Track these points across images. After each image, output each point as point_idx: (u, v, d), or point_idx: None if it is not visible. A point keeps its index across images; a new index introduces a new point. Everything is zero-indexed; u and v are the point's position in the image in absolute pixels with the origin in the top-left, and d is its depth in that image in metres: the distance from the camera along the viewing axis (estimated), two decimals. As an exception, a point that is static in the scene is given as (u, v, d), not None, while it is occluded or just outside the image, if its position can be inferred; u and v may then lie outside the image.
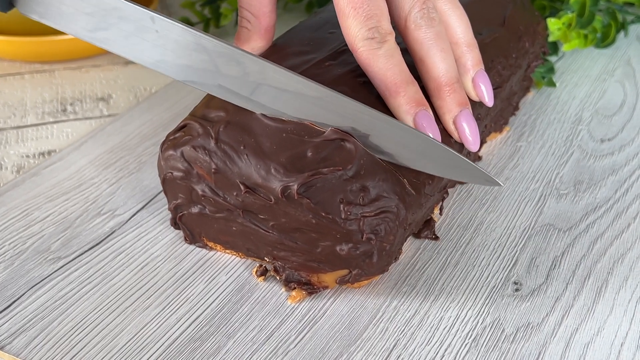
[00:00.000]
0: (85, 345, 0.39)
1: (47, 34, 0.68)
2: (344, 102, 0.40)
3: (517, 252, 0.46)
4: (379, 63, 0.41)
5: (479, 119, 0.49)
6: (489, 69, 0.50)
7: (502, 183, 0.41)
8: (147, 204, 0.50)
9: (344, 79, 0.44)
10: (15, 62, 0.72)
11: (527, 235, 0.48)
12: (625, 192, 0.52)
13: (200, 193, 0.43)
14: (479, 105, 0.48)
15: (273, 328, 0.41)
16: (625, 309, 0.42)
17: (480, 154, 0.55)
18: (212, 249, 0.46)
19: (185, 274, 0.44)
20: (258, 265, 0.45)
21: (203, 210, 0.44)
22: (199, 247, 0.46)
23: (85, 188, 0.52)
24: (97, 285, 0.44)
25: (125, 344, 0.40)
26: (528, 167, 0.55)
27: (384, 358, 0.39)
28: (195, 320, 0.41)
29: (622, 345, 0.40)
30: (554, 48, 0.68)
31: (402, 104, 0.41)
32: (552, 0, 0.70)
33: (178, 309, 0.42)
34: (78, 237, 0.47)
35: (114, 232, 0.48)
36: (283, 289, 0.43)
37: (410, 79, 0.42)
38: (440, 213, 0.48)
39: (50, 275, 0.44)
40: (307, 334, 0.40)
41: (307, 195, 0.39)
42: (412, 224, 0.43)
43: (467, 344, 0.40)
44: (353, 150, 0.40)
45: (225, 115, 0.42)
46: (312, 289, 0.43)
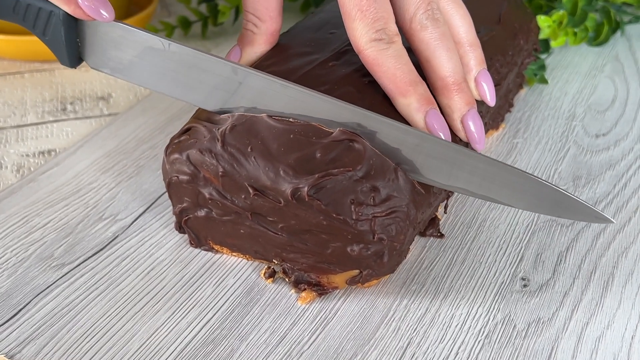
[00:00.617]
0: (97, 352, 0.39)
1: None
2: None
3: (522, 248, 0.47)
4: (387, 63, 0.42)
5: (482, 117, 0.49)
6: (488, 67, 0.50)
7: (613, 220, 0.40)
8: (148, 208, 0.50)
9: (349, 79, 0.44)
10: (16, 61, 0.71)
11: (530, 231, 0.48)
12: (624, 186, 0.52)
13: (207, 196, 0.43)
14: (480, 103, 0.49)
15: (285, 330, 0.41)
16: (633, 302, 0.42)
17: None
18: (218, 252, 0.46)
19: (193, 278, 0.44)
20: (266, 267, 0.44)
21: (210, 214, 0.44)
22: (205, 250, 0.46)
23: (85, 193, 0.52)
24: (104, 291, 0.43)
25: (138, 350, 0.39)
26: (526, 163, 0.55)
27: (399, 357, 0.39)
28: (207, 324, 0.41)
29: (632, 338, 0.40)
30: (546, 45, 0.68)
31: (412, 103, 0.41)
32: (550, 0, 0.70)
33: (188, 313, 0.42)
34: (81, 242, 0.47)
35: (117, 237, 0.47)
36: (292, 291, 0.43)
37: (418, 79, 0.42)
38: (445, 211, 0.48)
39: (56, 282, 0.44)
40: (320, 335, 0.40)
41: (317, 197, 0.39)
42: (420, 223, 0.43)
43: (480, 341, 0.40)
44: (362, 151, 0.40)
45: (231, 118, 0.42)
46: (322, 290, 0.43)
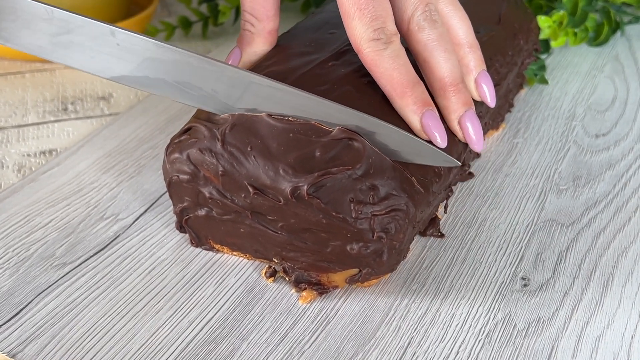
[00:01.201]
0: (99, 351, 0.39)
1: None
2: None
3: (522, 247, 0.47)
4: (385, 64, 0.42)
5: (480, 117, 0.49)
6: (488, 67, 0.50)
7: (458, 162, 0.42)
8: (149, 208, 0.50)
9: (349, 79, 0.44)
10: (16, 61, 0.72)
11: (530, 231, 0.48)
12: (624, 186, 0.53)
13: (208, 195, 0.43)
14: (480, 104, 0.49)
15: (286, 329, 0.41)
16: (633, 302, 0.42)
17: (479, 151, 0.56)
18: (219, 252, 0.46)
19: (194, 277, 0.44)
20: (267, 267, 0.44)
21: (210, 213, 0.44)
22: (206, 249, 0.46)
23: (86, 193, 0.52)
24: (105, 291, 0.43)
25: (139, 349, 0.39)
26: (526, 163, 0.55)
27: (399, 356, 0.39)
28: (208, 323, 0.41)
29: (632, 338, 0.40)
30: (546, 46, 0.69)
31: (409, 104, 0.42)
32: (550, 0, 0.71)
33: (189, 312, 0.42)
34: (82, 242, 0.47)
35: (119, 236, 0.48)
36: (293, 290, 0.43)
37: (416, 79, 0.42)
38: (445, 211, 0.49)
39: (57, 282, 0.44)
40: (321, 334, 0.40)
41: (317, 196, 0.39)
42: (419, 222, 0.43)
43: (480, 340, 0.40)
44: (361, 149, 0.40)
45: (231, 117, 0.42)
46: (322, 289, 0.43)
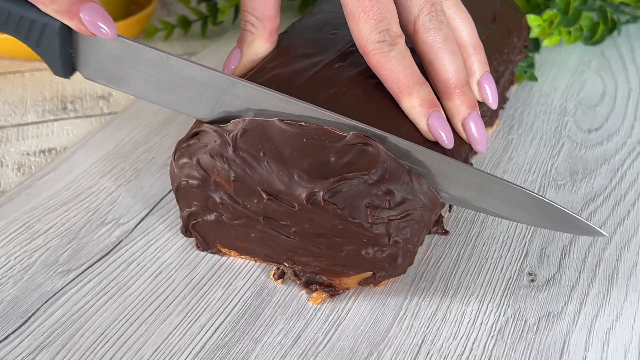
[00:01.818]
0: (112, 358, 0.39)
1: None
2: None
3: (526, 243, 0.47)
4: (391, 65, 0.42)
5: (482, 117, 0.49)
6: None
7: (605, 233, 0.40)
8: (150, 211, 0.50)
9: (356, 81, 0.44)
10: (16, 60, 0.71)
11: (533, 227, 0.48)
12: (620, 180, 0.53)
13: (218, 201, 0.42)
14: (481, 104, 0.49)
15: (299, 330, 0.41)
16: (639, 294, 0.43)
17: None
18: (225, 255, 0.46)
19: (202, 281, 0.44)
20: (275, 268, 0.44)
21: (220, 218, 0.43)
22: (212, 253, 0.46)
23: (85, 198, 0.51)
24: (113, 296, 0.43)
25: (152, 354, 0.39)
26: (522, 159, 0.56)
27: (414, 355, 0.39)
28: (220, 327, 0.41)
29: (641, 330, 0.41)
30: (536, 44, 0.69)
31: (415, 105, 0.42)
32: (547, -1, 0.71)
33: (200, 317, 0.42)
34: (85, 248, 0.46)
35: (122, 241, 0.47)
36: (303, 291, 0.43)
37: (422, 80, 0.42)
38: (450, 210, 0.49)
39: (63, 288, 0.43)
40: (334, 335, 0.40)
41: (333, 201, 0.39)
42: (432, 224, 0.44)
43: (493, 336, 0.40)
44: (376, 154, 0.40)
45: (241, 122, 0.42)
46: (333, 291, 0.43)
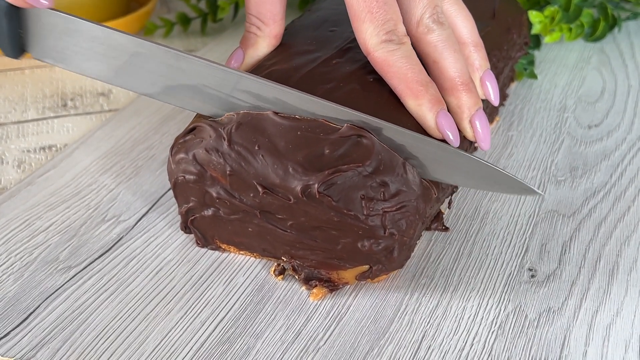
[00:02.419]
0: (113, 354, 0.39)
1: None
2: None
3: (526, 239, 0.47)
4: (399, 64, 0.42)
5: (484, 114, 0.50)
6: (486, 62, 0.51)
7: (541, 192, 0.41)
8: (151, 208, 0.50)
9: (354, 77, 0.44)
10: None
11: (533, 222, 0.49)
12: (620, 176, 0.53)
13: (215, 195, 0.42)
14: (482, 101, 0.49)
15: (300, 326, 0.41)
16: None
17: (475, 145, 0.56)
18: (225, 251, 0.46)
19: (202, 277, 0.44)
20: (275, 264, 0.44)
21: (217, 213, 0.43)
22: (212, 249, 0.46)
23: (85, 195, 0.51)
24: (114, 293, 0.43)
25: (153, 350, 0.39)
26: (522, 155, 0.56)
27: (415, 350, 0.39)
28: (220, 323, 0.41)
29: (642, 325, 0.41)
30: (537, 41, 0.69)
31: (424, 104, 0.42)
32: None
33: (201, 313, 0.42)
34: (85, 245, 0.46)
35: (122, 238, 0.47)
36: (303, 287, 0.43)
37: (429, 79, 0.42)
38: (449, 207, 0.49)
39: (64, 285, 0.43)
40: (335, 330, 0.41)
41: (328, 194, 0.39)
42: (428, 218, 0.44)
43: (493, 332, 0.40)
44: (370, 146, 0.40)
45: (236, 116, 0.42)
46: (333, 286, 0.43)
